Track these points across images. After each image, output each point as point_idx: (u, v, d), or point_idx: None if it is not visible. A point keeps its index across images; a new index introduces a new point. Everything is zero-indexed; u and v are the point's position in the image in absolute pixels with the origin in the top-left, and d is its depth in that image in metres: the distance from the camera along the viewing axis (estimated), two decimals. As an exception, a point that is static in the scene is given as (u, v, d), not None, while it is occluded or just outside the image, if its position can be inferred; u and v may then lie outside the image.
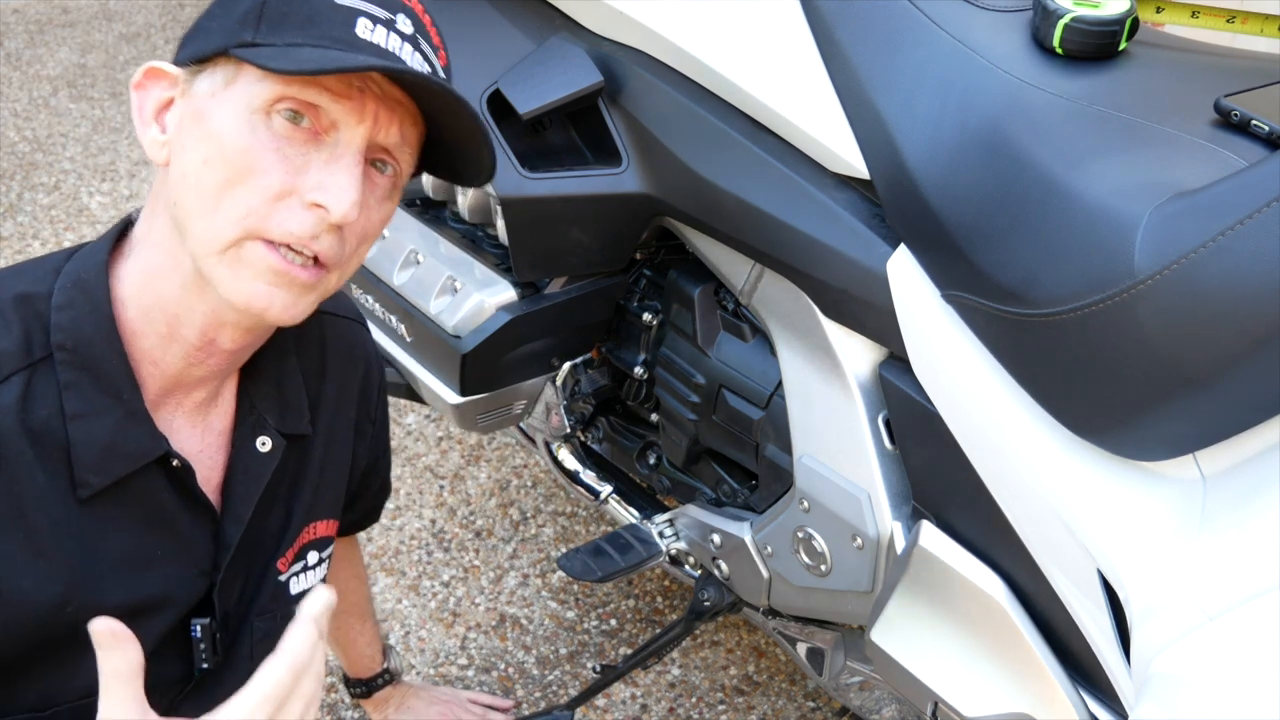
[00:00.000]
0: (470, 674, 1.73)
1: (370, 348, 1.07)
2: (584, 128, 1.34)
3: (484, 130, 0.80)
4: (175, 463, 0.83)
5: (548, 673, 1.74)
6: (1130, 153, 0.91)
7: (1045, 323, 0.89)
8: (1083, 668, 1.00)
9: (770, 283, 1.23)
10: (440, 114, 0.80)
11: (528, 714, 1.64)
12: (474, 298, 1.36)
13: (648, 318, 1.44)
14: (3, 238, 2.76)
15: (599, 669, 1.57)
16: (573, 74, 1.28)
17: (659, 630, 1.77)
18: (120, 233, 0.84)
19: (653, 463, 1.56)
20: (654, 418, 1.52)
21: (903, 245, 1.06)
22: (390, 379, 1.51)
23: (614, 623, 1.84)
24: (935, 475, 1.08)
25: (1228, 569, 0.81)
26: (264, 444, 0.92)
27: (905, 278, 1.05)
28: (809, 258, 1.13)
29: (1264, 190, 0.77)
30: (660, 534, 1.49)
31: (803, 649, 1.44)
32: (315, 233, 0.76)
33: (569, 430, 1.55)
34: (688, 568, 1.55)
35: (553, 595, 1.88)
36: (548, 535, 2.00)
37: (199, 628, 0.90)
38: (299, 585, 1.00)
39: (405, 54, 0.77)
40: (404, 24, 0.78)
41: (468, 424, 1.45)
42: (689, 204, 1.25)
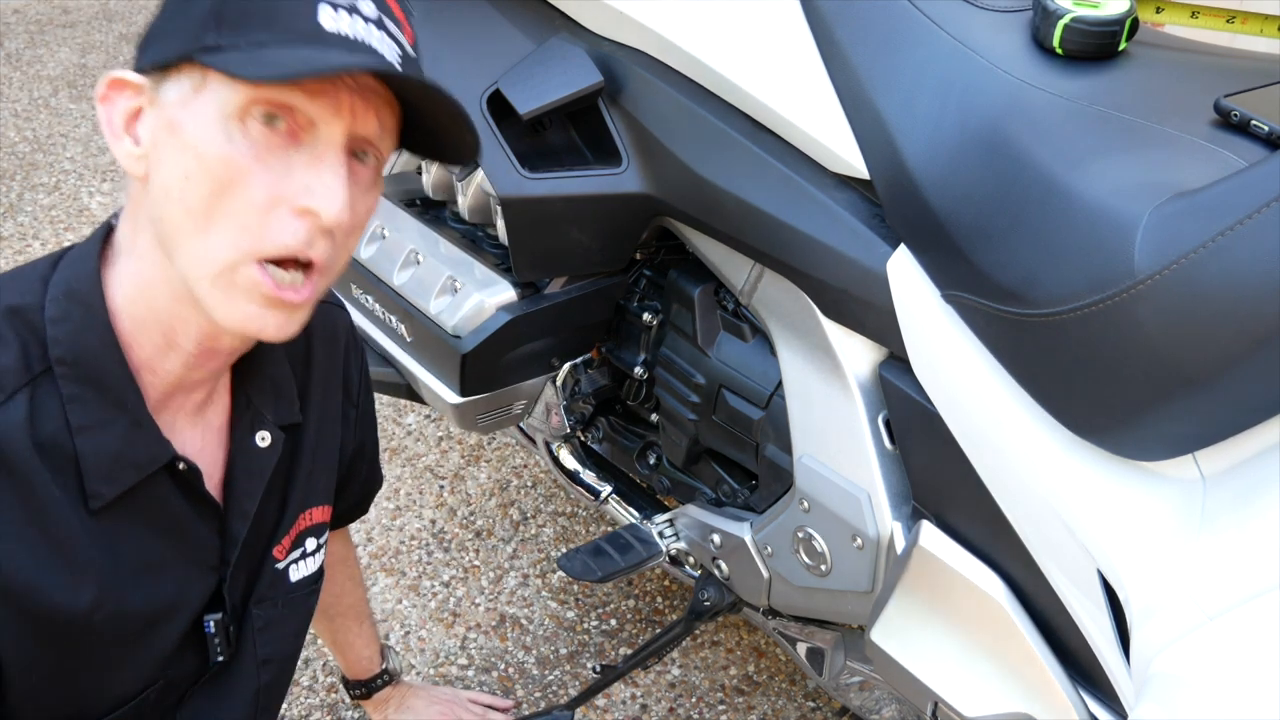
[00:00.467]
0: (470, 674, 1.73)
1: (349, 331, 1.06)
2: (584, 128, 1.34)
3: (461, 109, 0.77)
4: (182, 466, 0.84)
5: (548, 673, 1.74)
6: (1130, 153, 0.91)
7: (1045, 323, 0.89)
8: (1083, 668, 1.00)
9: (770, 283, 1.22)
10: (417, 98, 0.77)
11: (528, 714, 1.64)
12: (474, 298, 1.36)
13: (648, 318, 1.44)
14: (3, 238, 2.76)
15: (599, 669, 1.57)
16: (573, 74, 1.28)
17: (659, 630, 1.77)
18: (103, 237, 0.82)
19: (653, 463, 1.56)
20: (654, 418, 1.52)
21: (903, 245, 1.06)
22: (390, 379, 1.51)
23: (614, 623, 1.84)
24: (935, 475, 1.08)
25: (1228, 569, 0.81)
26: (263, 439, 0.92)
27: (905, 278, 1.05)
28: (809, 258, 1.13)
29: (1264, 190, 0.77)
30: (660, 534, 1.49)
31: (803, 649, 1.44)
32: (309, 240, 0.74)
33: (569, 430, 1.55)
34: (688, 568, 1.55)
35: (553, 595, 1.88)
36: (548, 535, 2.00)
37: (212, 623, 0.91)
38: (298, 572, 1.00)
39: (373, 39, 0.74)
40: (366, 6, 0.74)
41: (468, 424, 1.45)
42: (689, 204, 1.25)
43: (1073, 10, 1.01)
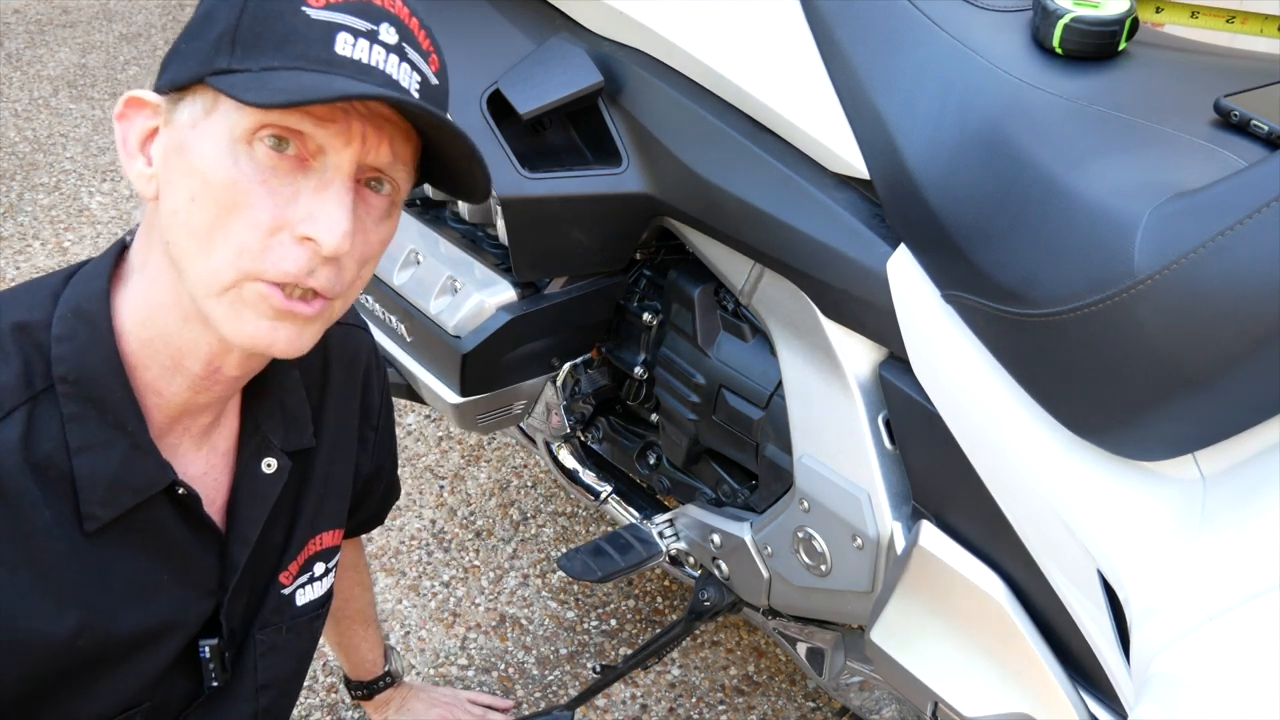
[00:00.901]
0: (470, 674, 1.73)
1: (372, 353, 1.05)
2: (584, 128, 1.34)
3: (473, 148, 0.76)
4: (181, 491, 0.82)
5: (548, 673, 1.74)
6: (1130, 153, 0.91)
7: (1045, 323, 0.89)
8: (1083, 668, 1.00)
9: (770, 283, 1.22)
10: (429, 129, 0.76)
11: (528, 714, 1.64)
12: (474, 298, 1.36)
13: (648, 318, 1.44)
14: (3, 238, 2.76)
15: (599, 669, 1.57)
16: (573, 74, 1.28)
17: (659, 630, 1.77)
18: (117, 255, 0.82)
19: (653, 463, 1.56)
20: (654, 418, 1.52)
21: (903, 245, 1.06)
22: (390, 379, 1.51)
23: (614, 623, 1.84)
24: (935, 475, 1.08)
25: (1228, 569, 0.81)
26: (269, 465, 0.91)
27: (905, 278, 1.05)
28: (809, 258, 1.13)
29: (1264, 190, 0.77)
30: (660, 534, 1.49)
31: (803, 649, 1.44)
32: (310, 268, 0.73)
33: (569, 430, 1.55)
34: (688, 568, 1.55)
35: (553, 595, 1.88)
36: (548, 535, 2.00)
37: (207, 649, 0.89)
38: (305, 597, 0.99)
39: (391, 67, 0.73)
40: (388, 34, 0.73)
41: (468, 424, 1.45)
42: (689, 204, 1.25)
43: (1073, 10, 1.01)
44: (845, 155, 1.10)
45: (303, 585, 0.99)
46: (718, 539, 1.39)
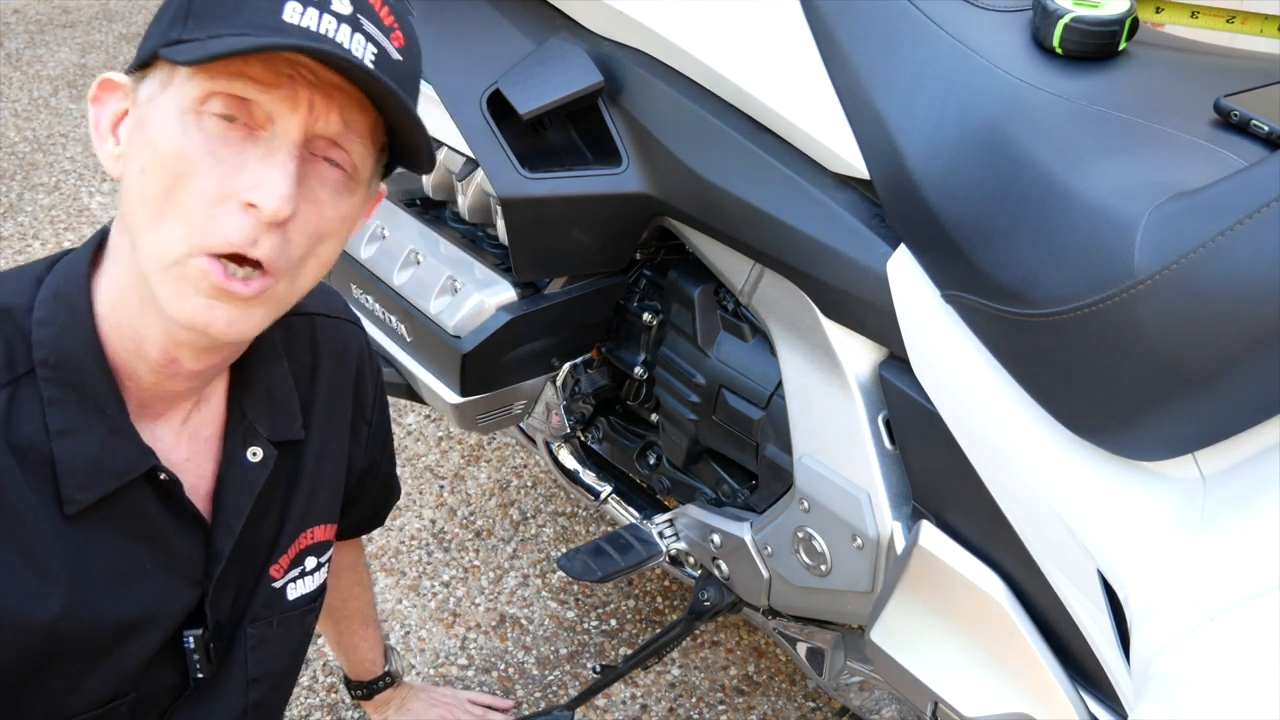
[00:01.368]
0: (470, 674, 1.73)
1: (364, 347, 1.05)
2: (584, 128, 1.34)
3: (407, 105, 0.75)
4: (163, 476, 0.82)
5: (548, 673, 1.74)
6: (1130, 153, 0.91)
7: (1045, 323, 0.89)
8: (1083, 668, 1.00)
9: (770, 283, 1.22)
10: (374, 94, 0.74)
11: (528, 714, 1.64)
12: (474, 298, 1.36)
13: (648, 318, 1.44)
14: (3, 238, 2.76)
15: (599, 669, 1.57)
16: (573, 74, 1.28)
17: (659, 630, 1.77)
18: (99, 243, 0.82)
19: (653, 463, 1.56)
20: (654, 418, 1.52)
21: (903, 245, 1.06)
22: (390, 379, 1.51)
23: (614, 623, 1.84)
24: (935, 475, 1.08)
25: (1228, 569, 0.81)
26: (255, 454, 0.90)
27: (905, 278, 1.05)
28: (809, 258, 1.13)
29: (1264, 190, 0.77)
30: (660, 534, 1.49)
31: (803, 649, 1.44)
32: (254, 237, 0.72)
33: (569, 430, 1.55)
34: (688, 568, 1.55)
35: (553, 595, 1.88)
36: (548, 535, 2.00)
37: (191, 639, 0.88)
38: (296, 591, 0.99)
39: (342, 35, 0.72)
40: (340, 4, 0.72)
41: (468, 424, 1.45)
42: (689, 204, 1.25)
43: (1073, 10, 1.01)
44: (845, 155, 1.10)
45: (294, 579, 0.98)
46: (718, 539, 1.39)
